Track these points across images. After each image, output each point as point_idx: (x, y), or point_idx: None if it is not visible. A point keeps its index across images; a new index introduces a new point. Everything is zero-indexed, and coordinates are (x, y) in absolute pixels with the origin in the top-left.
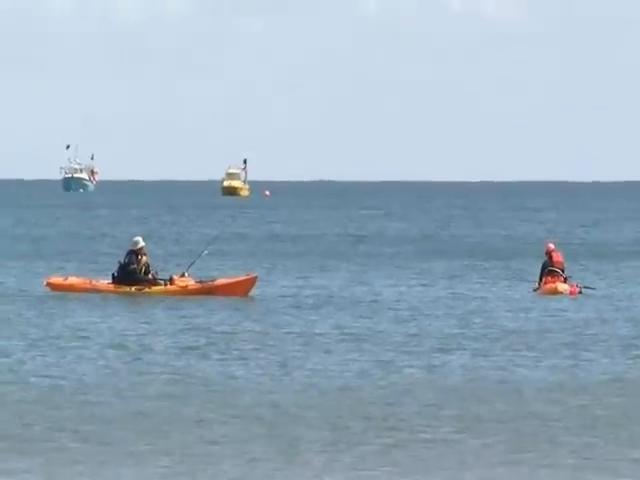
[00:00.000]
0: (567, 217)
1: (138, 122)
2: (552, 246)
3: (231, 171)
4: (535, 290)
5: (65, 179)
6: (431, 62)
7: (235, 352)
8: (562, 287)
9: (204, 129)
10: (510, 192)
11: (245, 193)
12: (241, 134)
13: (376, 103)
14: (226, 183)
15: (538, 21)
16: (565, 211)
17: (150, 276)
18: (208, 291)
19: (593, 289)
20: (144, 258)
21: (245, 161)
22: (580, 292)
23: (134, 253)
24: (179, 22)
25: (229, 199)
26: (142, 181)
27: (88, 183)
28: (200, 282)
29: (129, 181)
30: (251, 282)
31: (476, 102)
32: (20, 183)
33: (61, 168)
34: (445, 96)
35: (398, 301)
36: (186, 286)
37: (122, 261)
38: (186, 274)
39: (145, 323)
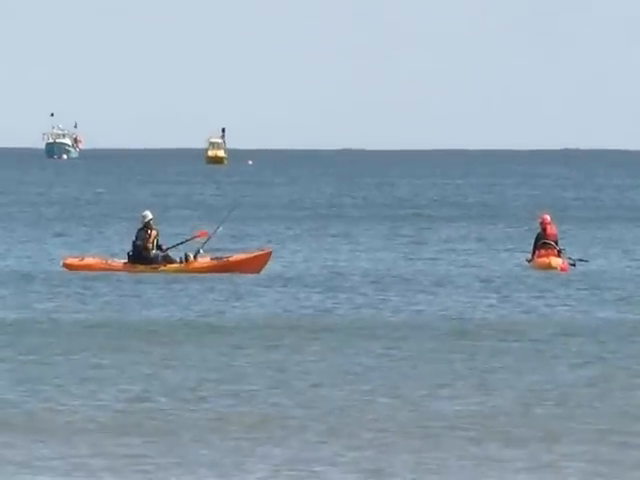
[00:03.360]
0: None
1: (123, 91)
2: (548, 218)
3: (214, 140)
4: (528, 261)
5: (48, 144)
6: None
7: None
8: (555, 262)
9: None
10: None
11: (225, 162)
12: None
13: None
14: (211, 152)
15: None
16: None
17: (160, 251)
18: (224, 268)
19: (587, 261)
20: (153, 232)
21: (224, 130)
22: (573, 265)
23: (142, 229)
24: None
25: (215, 167)
26: (125, 149)
27: (71, 149)
28: (216, 258)
29: (113, 149)
30: (266, 257)
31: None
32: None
33: (44, 134)
34: None
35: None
36: (202, 264)
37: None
38: (201, 251)
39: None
